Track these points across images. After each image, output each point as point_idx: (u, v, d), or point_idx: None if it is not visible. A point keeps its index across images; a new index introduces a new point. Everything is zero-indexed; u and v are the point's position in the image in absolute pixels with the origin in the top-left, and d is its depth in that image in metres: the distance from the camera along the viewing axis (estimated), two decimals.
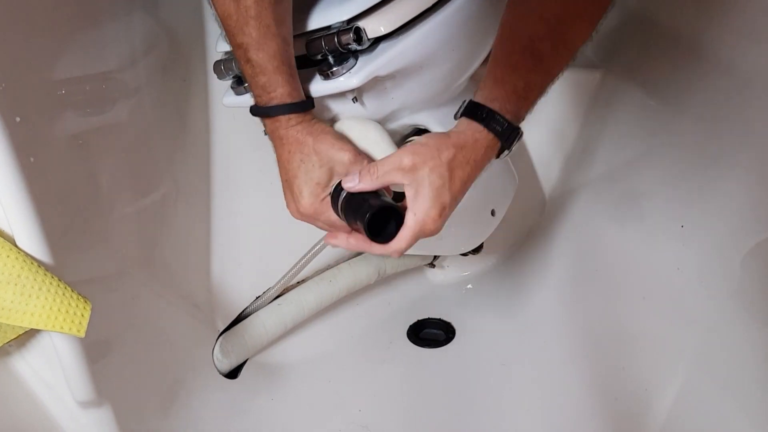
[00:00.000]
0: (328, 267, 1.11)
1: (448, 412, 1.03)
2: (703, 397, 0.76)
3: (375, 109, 0.80)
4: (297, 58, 0.75)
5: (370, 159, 0.73)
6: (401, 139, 0.92)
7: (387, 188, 0.70)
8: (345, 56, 0.74)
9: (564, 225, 1.13)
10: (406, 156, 0.64)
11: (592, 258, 1.04)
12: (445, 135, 0.65)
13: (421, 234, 0.64)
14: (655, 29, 0.99)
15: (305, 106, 0.71)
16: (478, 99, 0.66)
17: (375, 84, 0.76)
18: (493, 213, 0.98)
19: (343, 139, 0.73)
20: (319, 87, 0.75)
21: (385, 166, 0.65)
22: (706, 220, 0.81)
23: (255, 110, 0.71)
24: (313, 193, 0.71)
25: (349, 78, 0.73)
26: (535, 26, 0.65)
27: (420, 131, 0.91)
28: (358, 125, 0.79)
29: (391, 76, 0.76)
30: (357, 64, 0.74)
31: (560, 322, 1.04)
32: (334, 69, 0.73)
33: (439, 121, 0.87)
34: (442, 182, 0.63)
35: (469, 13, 0.77)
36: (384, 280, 1.17)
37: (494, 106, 0.65)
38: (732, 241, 0.77)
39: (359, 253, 1.13)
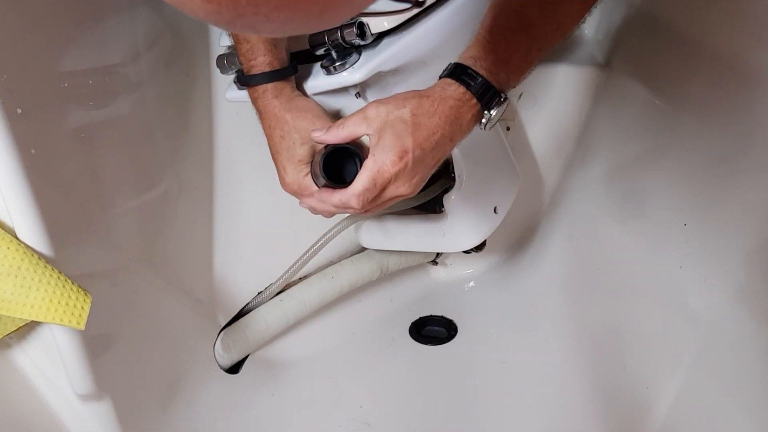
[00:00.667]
0: (331, 263, 1.11)
1: (450, 409, 1.03)
2: (704, 397, 0.76)
3: None
4: (300, 52, 0.76)
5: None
6: None
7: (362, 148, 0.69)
8: (348, 51, 0.74)
9: (567, 223, 1.13)
10: (371, 107, 0.64)
11: (595, 256, 1.03)
12: (414, 90, 0.64)
13: (380, 177, 0.62)
14: (661, 27, 0.98)
15: (285, 73, 0.72)
16: (457, 60, 0.65)
17: (378, 79, 0.76)
18: (495, 210, 0.97)
19: (324, 115, 0.74)
20: (321, 82, 0.75)
21: (351, 118, 0.65)
22: (710, 219, 0.81)
23: (238, 78, 0.74)
24: (296, 170, 0.73)
25: (353, 73, 0.73)
26: None
27: None
28: None
29: (395, 72, 0.76)
30: (360, 59, 0.74)
31: (562, 320, 1.04)
32: (337, 64, 0.73)
33: None
34: (404, 127, 0.62)
35: (472, 10, 0.77)
36: (386, 277, 1.17)
37: (468, 62, 0.63)
38: (735, 240, 0.76)
39: (362, 250, 1.13)
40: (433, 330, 1.19)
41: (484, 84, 0.63)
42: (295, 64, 0.75)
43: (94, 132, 0.79)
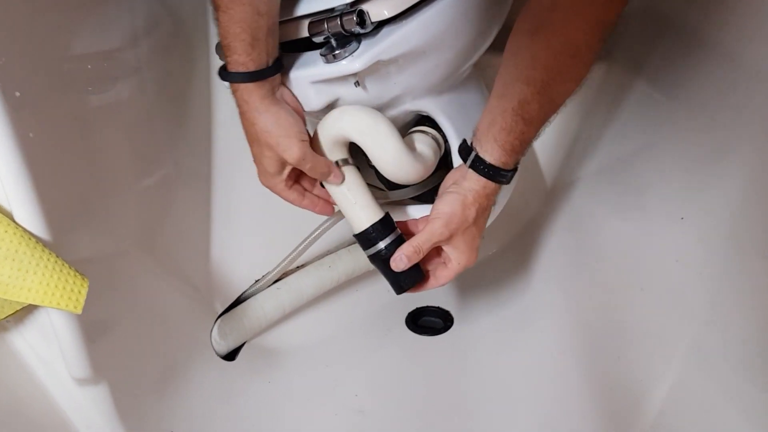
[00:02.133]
0: (328, 252, 1.11)
1: (444, 399, 1.03)
2: (697, 390, 0.76)
3: (377, 93, 0.79)
4: (299, 40, 0.75)
5: (317, 152, 0.77)
6: (404, 126, 0.91)
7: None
8: (348, 39, 0.73)
9: (565, 215, 1.13)
10: (442, 230, 0.74)
11: (592, 249, 1.04)
12: (463, 197, 0.75)
13: (463, 269, 0.79)
14: (662, 21, 0.98)
15: (262, 74, 0.72)
16: (483, 155, 0.74)
17: (378, 68, 0.76)
18: (494, 202, 0.97)
19: (294, 128, 0.74)
20: (320, 70, 0.75)
21: (426, 243, 0.75)
22: (707, 213, 0.81)
23: (219, 71, 0.73)
24: (265, 175, 0.77)
25: (352, 62, 0.73)
26: (523, 90, 0.70)
27: (423, 119, 0.91)
28: (367, 117, 0.78)
29: (394, 61, 0.76)
30: (360, 48, 0.73)
31: (558, 312, 1.04)
32: (337, 52, 0.73)
33: (441, 108, 0.87)
34: (473, 236, 0.77)
35: (471, 1, 0.77)
36: None
37: (498, 163, 0.74)
38: (732, 234, 0.77)
39: None
40: (429, 320, 1.20)
41: (512, 175, 0.77)
42: (277, 66, 0.74)
43: (93, 117, 0.79)
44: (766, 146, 0.74)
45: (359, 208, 0.79)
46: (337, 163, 0.78)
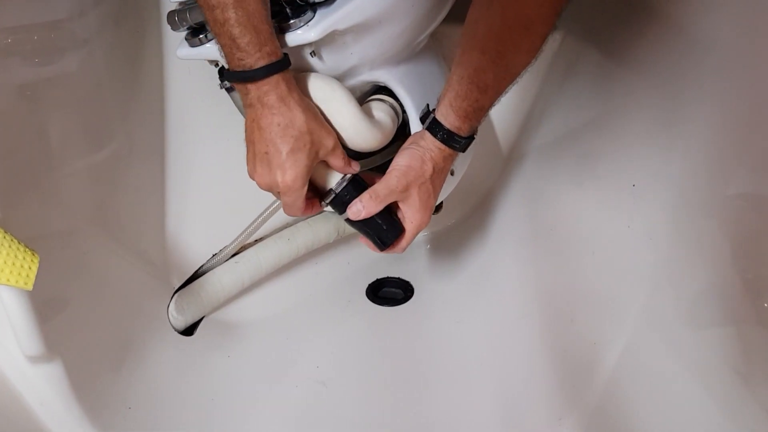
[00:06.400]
0: (287, 225, 1.10)
1: (405, 369, 1.04)
2: (649, 352, 0.78)
3: (333, 64, 0.79)
4: None
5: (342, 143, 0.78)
6: (362, 96, 0.91)
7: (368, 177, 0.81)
8: (303, 9, 0.72)
9: (522, 185, 1.14)
10: (399, 180, 0.76)
11: (548, 217, 1.05)
12: (421, 153, 0.77)
13: (419, 231, 0.82)
14: None
15: (288, 60, 0.70)
16: (439, 118, 0.77)
17: (334, 38, 0.75)
18: (452, 173, 0.98)
19: (322, 118, 0.75)
20: None
21: (383, 191, 0.76)
22: (658, 181, 0.83)
23: (238, 76, 0.68)
24: (300, 175, 0.71)
25: (307, 31, 0.72)
26: (479, 59, 0.72)
27: (380, 89, 0.90)
28: (323, 84, 0.78)
29: (351, 31, 0.75)
30: (315, 17, 0.72)
31: (515, 280, 1.06)
32: (292, 21, 0.72)
33: (398, 79, 0.87)
34: (428, 194, 0.79)
35: None
36: (343, 239, 1.17)
37: (453, 128, 0.77)
38: (681, 201, 0.78)
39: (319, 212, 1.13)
40: (389, 291, 1.21)
41: (467, 142, 0.79)
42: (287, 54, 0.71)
43: (40, 89, 0.77)
44: (714, 116, 0.76)
45: (329, 174, 0.78)
46: None
